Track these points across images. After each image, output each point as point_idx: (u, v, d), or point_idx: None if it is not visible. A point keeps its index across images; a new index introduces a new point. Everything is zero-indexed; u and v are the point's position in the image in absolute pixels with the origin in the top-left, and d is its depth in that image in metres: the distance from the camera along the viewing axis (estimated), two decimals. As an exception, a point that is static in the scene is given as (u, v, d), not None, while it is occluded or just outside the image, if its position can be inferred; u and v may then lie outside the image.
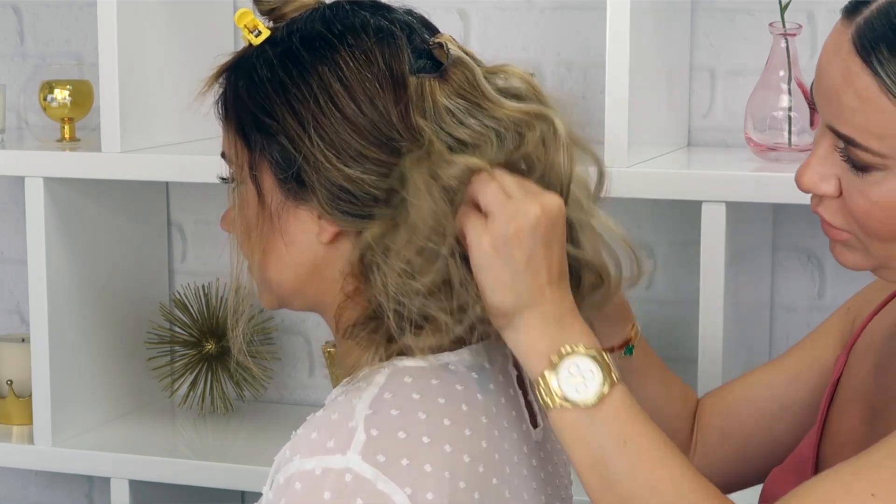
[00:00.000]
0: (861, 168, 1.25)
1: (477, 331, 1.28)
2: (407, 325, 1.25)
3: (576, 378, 1.22)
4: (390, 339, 1.28)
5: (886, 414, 1.37)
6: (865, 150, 1.23)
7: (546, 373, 1.23)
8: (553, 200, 1.25)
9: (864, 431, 1.39)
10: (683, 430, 1.59)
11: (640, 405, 1.25)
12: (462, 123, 1.26)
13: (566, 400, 1.22)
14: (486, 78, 1.29)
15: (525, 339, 1.24)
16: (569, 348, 1.23)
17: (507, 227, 1.22)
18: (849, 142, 1.24)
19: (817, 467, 1.43)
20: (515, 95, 1.30)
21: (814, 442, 1.45)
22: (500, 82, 1.30)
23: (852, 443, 1.39)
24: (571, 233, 1.29)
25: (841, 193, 1.28)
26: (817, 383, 1.53)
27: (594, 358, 1.23)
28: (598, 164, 1.35)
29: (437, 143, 1.24)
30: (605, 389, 1.22)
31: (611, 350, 1.48)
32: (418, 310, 1.24)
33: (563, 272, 1.26)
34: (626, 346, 1.51)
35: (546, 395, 1.23)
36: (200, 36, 2.30)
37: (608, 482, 1.22)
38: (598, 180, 1.34)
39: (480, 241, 1.23)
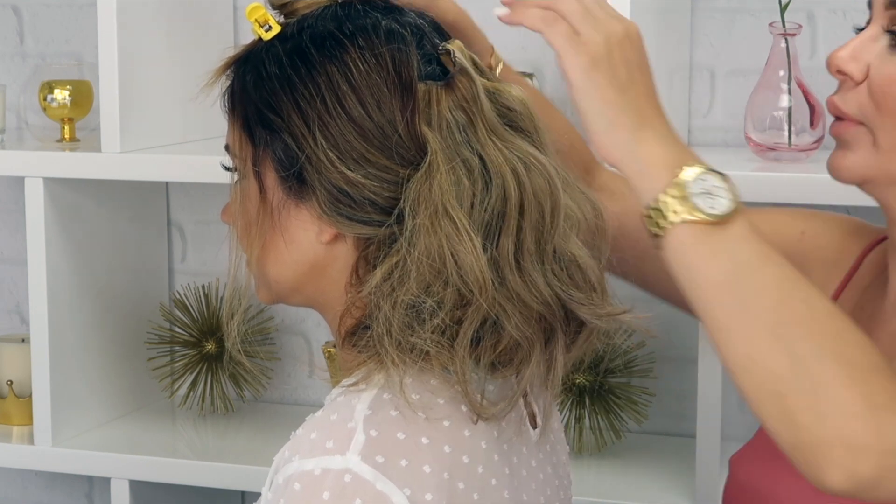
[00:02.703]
0: None
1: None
2: (406, 357, 1.24)
3: (706, 193, 1.16)
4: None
5: None
6: None
7: (675, 184, 1.17)
8: (633, 24, 1.23)
9: None
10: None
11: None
12: (458, 144, 1.25)
13: (699, 212, 1.16)
14: (492, 94, 1.29)
15: (646, 154, 1.18)
16: (692, 164, 1.18)
17: (604, 43, 1.20)
18: None
19: None
20: (513, 121, 1.29)
21: None
22: (508, 102, 1.30)
23: None
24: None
25: (864, 80, 1.28)
26: None
27: (721, 176, 1.18)
28: (595, 205, 1.34)
29: (441, 164, 1.23)
30: (736, 206, 1.16)
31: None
32: (418, 345, 1.23)
33: (656, 93, 1.23)
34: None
35: (671, 210, 1.17)
36: (200, 36, 2.30)
37: (748, 296, 1.15)
38: (595, 219, 1.33)
39: (578, 58, 1.21)
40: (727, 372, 1.17)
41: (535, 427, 1.37)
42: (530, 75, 2.09)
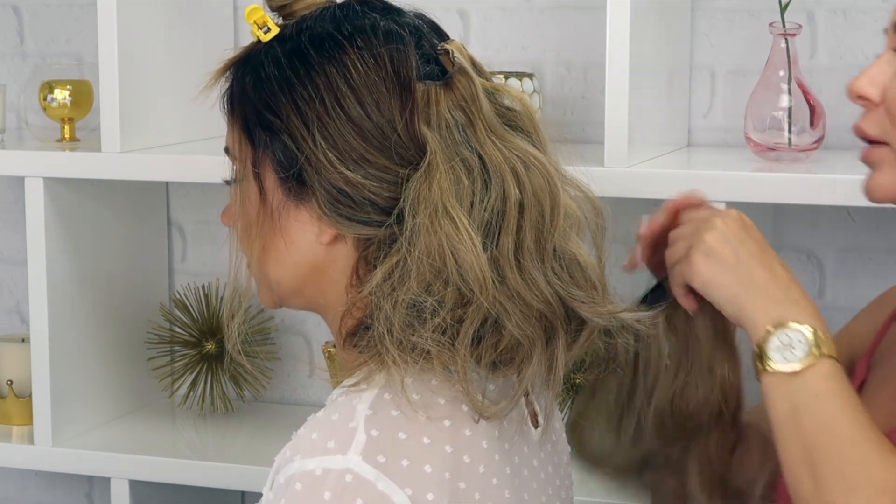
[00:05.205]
0: None
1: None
2: (408, 356, 1.24)
3: (785, 347, 1.31)
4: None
5: None
6: None
7: (757, 342, 1.32)
8: (730, 211, 1.37)
9: None
10: None
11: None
12: (458, 144, 1.25)
13: (773, 365, 1.31)
14: (491, 94, 1.29)
15: (748, 313, 1.34)
16: (785, 322, 1.32)
17: (704, 243, 1.34)
18: None
19: None
20: (512, 121, 1.29)
21: None
22: (507, 101, 1.30)
23: None
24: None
25: (882, 102, 1.34)
26: None
27: (806, 331, 1.31)
28: (595, 204, 1.34)
29: (441, 164, 1.23)
30: (811, 360, 1.30)
31: None
32: (419, 344, 1.23)
33: (773, 259, 1.36)
34: None
35: (755, 362, 1.32)
36: (200, 36, 2.30)
37: (798, 432, 1.29)
38: (595, 218, 1.34)
39: (692, 265, 1.36)
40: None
41: (536, 426, 1.37)
42: (530, 75, 2.09)
